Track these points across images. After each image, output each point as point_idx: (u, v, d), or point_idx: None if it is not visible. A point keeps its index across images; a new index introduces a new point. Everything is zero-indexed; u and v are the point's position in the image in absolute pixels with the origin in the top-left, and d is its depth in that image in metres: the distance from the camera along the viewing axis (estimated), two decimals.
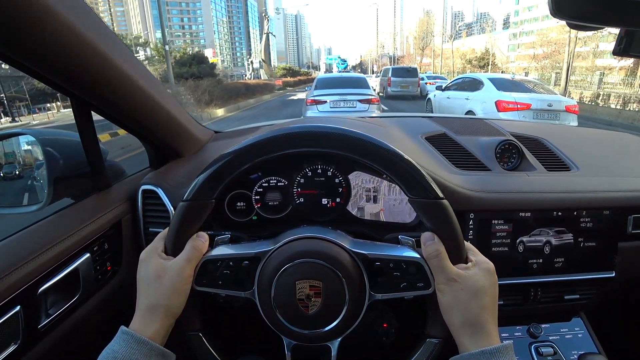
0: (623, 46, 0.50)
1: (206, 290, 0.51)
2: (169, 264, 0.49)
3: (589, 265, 0.78)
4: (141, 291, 0.49)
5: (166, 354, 0.46)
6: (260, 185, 0.72)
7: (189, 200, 0.50)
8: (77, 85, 0.58)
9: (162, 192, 0.76)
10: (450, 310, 0.45)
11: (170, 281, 0.48)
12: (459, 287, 0.45)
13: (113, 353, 0.43)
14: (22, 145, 0.80)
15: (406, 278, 0.48)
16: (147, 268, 0.49)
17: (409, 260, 0.48)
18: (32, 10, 0.42)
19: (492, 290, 0.46)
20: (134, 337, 0.44)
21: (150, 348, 0.44)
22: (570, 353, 0.79)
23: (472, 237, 0.74)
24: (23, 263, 0.53)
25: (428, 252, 0.47)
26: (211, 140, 1.02)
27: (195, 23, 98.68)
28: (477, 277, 0.45)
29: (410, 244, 0.50)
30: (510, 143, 0.91)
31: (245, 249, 0.52)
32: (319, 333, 0.49)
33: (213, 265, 0.51)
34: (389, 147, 0.49)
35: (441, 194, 0.47)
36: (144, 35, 77.01)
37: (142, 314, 0.47)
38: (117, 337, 0.45)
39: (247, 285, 0.51)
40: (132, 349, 0.43)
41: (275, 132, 0.50)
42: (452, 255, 0.47)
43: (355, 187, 0.73)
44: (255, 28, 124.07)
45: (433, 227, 0.48)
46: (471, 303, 0.44)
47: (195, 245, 0.50)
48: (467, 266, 0.47)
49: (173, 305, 0.48)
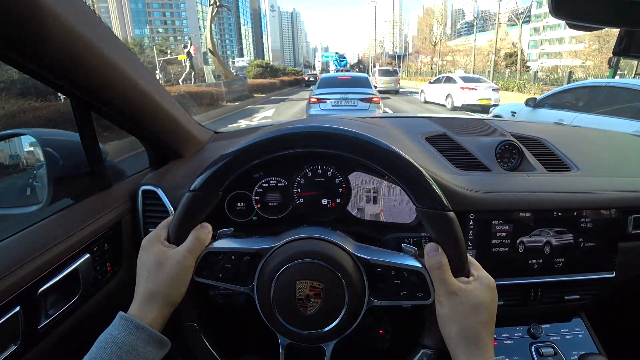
0: (623, 46, 0.50)
1: (206, 281, 0.51)
2: (170, 253, 0.49)
3: (589, 265, 0.78)
4: (141, 278, 0.49)
5: (164, 341, 0.46)
6: (260, 186, 0.72)
7: (197, 191, 0.50)
8: (77, 86, 0.58)
9: (162, 193, 0.76)
10: (448, 322, 0.45)
11: (170, 270, 0.47)
12: (458, 301, 0.45)
13: (112, 338, 0.43)
14: (22, 145, 0.80)
15: (406, 287, 0.48)
16: (149, 255, 0.49)
17: (411, 269, 0.48)
18: (32, 10, 0.42)
19: (492, 306, 0.46)
20: (133, 322, 0.44)
21: (149, 334, 0.44)
22: (571, 353, 0.79)
23: (472, 237, 0.74)
24: (23, 263, 0.53)
25: (431, 263, 0.47)
26: (211, 141, 1.02)
27: (179, 18, 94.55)
28: (477, 292, 0.45)
29: (413, 252, 0.50)
30: (510, 143, 0.90)
31: (248, 244, 0.52)
32: (315, 334, 0.49)
33: (214, 257, 0.51)
34: (400, 154, 0.48)
35: (449, 206, 0.47)
36: (121, 33, 72.98)
37: (141, 300, 0.47)
38: (115, 322, 0.45)
39: (246, 281, 0.51)
40: (131, 334, 0.43)
41: (297, 129, 0.49)
42: (455, 268, 0.46)
43: (355, 187, 0.73)
44: (248, 25, 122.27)
45: (438, 238, 0.47)
46: (470, 317, 0.44)
47: (198, 236, 0.50)
48: (469, 280, 0.47)
49: (172, 294, 0.48)
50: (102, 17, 8.54)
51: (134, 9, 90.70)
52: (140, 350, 0.43)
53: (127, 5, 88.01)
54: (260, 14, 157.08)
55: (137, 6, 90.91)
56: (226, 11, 31.49)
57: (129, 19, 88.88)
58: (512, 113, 5.20)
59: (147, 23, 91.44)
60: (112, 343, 0.42)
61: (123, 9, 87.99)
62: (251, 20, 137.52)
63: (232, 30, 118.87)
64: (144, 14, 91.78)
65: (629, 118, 3.48)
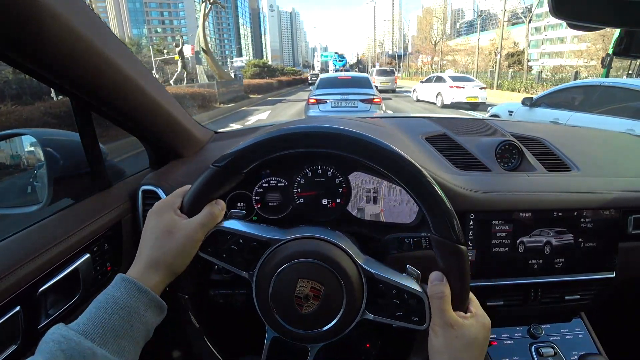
0: (623, 46, 0.50)
1: (209, 258, 0.51)
2: (182, 223, 0.48)
3: (589, 265, 0.78)
4: (146, 242, 0.48)
5: (163, 307, 0.46)
6: (260, 186, 0.72)
7: (220, 166, 0.50)
8: (77, 85, 0.58)
9: (163, 193, 0.76)
10: (439, 353, 0.45)
11: (179, 240, 0.47)
12: (454, 334, 0.45)
13: (114, 299, 0.42)
14: (22, 145, 0.80)
15: (404, 308, 0.48)
16: (159, 220, 0.48)
17: (412, 292, 0.48)
18: (32, 10, 0.42)
19: (484, 344, 0.46)
20: (136, 285, 0.43)
21: (151, 298, 0.44)
22: (571, 353, 0.79)
23: (472, 237, 0.74)
24: (23, 263, 0.53)
25: (433, 291, 0.46)
26: (211, 141, 1.01)
27: (177, 18, 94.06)
28: (473, 329, 0.46)
29: (416, 276, 0.50)
30: (511, 143, 0.90)
31: (258, 231, 0.51)
32: (304, 334, 0.49)
33: (223, 237, 0.51)
34: (429, 179, 0.47)
35: (464, 238, 0.47)
36: (118, 33, 73.41)
37: (144, 265, 0.46)
38: (116, 283, 0.44)
39: (249, 267, 0.51)
40: (134, 297, 0.42)
41: (333, 129, 0.48)
42: (455, 301, 0.46)
43: (355, 187, 0.73)
44: (247, 24, 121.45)
45: (445, 269, 0.47)
46: (462, 352, 0.44)
47: (212, 211, 0.49)
48: (466, 316, 0.47)
49: (176, 264, 0.47)
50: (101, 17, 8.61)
51: (132, 9, 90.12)
52: (141, 314, 0.42)
53: (125, 4, 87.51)
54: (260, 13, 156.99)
55: (134, 6, 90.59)
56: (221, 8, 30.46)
57: (127, 19, 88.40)
58: (510, 112, 5.26)
59: (144, 23, 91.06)
60: (114, 303, 0.41)
61: (120, 8, 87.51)
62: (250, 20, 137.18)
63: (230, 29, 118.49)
64: (142, 13, 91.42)
65: (623, 117, 3.50)
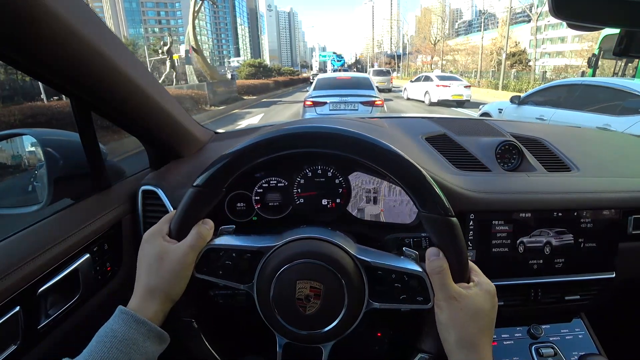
0: (623, 46, 0.50)
1: (206, 278, 0.51)
2: (172, 248, 0.48)
3: (589, 265, 0.78)
4: (141, 272, 0.48)
5: (163, 336, 0.46)
6: (260, 186, 0.72)
7: (201, 186, 0.50)
8: (77, 86, 0.58)
9: (162, 193, 0.76)
10: (447, 328, 0.45)
11: (171, 265, 0.47)
12: (458, 306, 0.45)
13: (112, 332, 0.43)
14: (22, 145, 0.80)
15: (406, 290, 0.48)
16: (150, 249, 0.49)
17: (411, 273, 0.48)
18: (32, 10, 0.42)
19: (491, 312, 0.46)
20: (133, 317, 0.44)
21: (149, 329, 0.44)
22: (571, 354, 0.79)
23: (472, 237, 0.74)
24: (23, 263, 0.53)
25: (431, 267, 0.47)
26: (211, 141, 1.01)
27: (174, 17, 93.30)
28: (477, 298, 0.45)
29: (414, 256, 0.50)
30: (511, 144, 0.91)
31: (250, 242, 0.52)
32: (313, 334, 0.49)
33: (215, 254, 0.51)
34: (403, 156, 0.48)
35: (452, 211, 0.47)
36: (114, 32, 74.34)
37: (141, 295, 0.47)
38: (115, 316, 0.44)
39: (246, 279, 0.51)
40: (131, 328, 0.43)
41: (304, 129, 0.49)
42: (455, 273, 0.46)
43: (355, 187, 0.73)
44: (245, 24, 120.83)
45: (440, 243, 0.47)
46: (469, 323, 0.44)
47: (200, 232, 0.50)
48: (469, 286, 0.47)
49: (172, 289, 0.48)
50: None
51: (128, 9, 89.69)
52: (140, 345, 0.43)
53: (121, 4, 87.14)
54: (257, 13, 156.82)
55: (131, 5, 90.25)
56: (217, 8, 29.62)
57: (123, 18, 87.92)
58: (499, 110, 5.45)
59: (141, 22, 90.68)
60: (112, 337, 0.42)
61: (117, 8, 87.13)
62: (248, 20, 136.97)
63: (228, 29, 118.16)
64: (139, 13, 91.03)
65: (600, 113, 3.68)
